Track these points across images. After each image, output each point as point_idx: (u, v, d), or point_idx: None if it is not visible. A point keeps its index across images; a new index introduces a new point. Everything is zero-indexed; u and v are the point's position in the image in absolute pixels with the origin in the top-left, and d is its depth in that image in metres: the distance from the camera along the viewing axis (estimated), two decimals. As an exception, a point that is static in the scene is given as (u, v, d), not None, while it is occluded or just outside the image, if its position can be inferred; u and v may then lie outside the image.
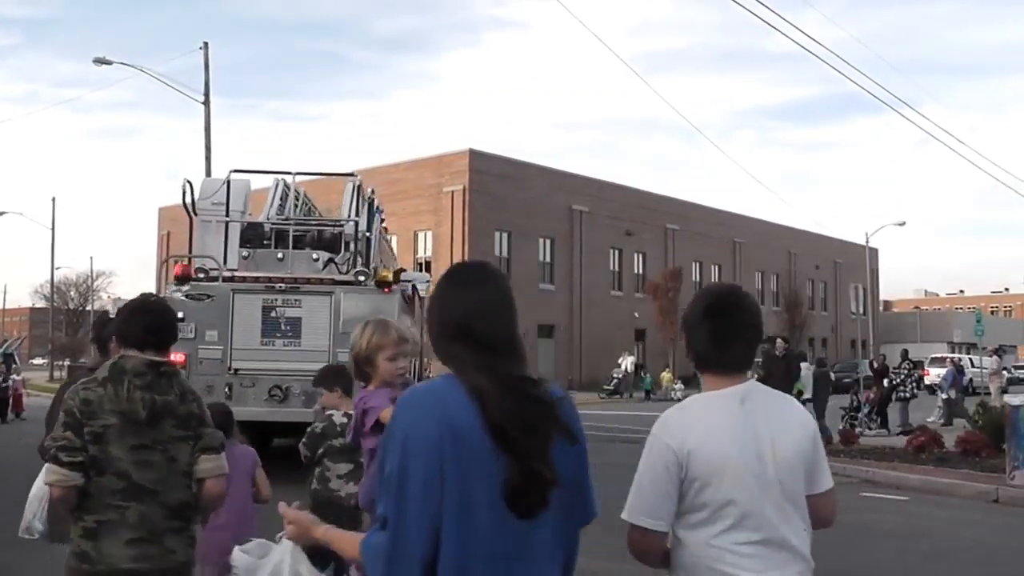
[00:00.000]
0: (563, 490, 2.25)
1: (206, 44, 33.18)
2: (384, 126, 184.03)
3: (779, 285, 66.24)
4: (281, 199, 15.34)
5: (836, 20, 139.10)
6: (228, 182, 14.50)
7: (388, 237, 18.61)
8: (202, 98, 33.45)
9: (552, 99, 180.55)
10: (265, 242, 14.26)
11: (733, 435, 2.73)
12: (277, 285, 13.10)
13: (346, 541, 2.39)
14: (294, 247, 13.91)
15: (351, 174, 16.41)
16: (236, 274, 13.46)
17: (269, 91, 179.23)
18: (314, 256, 13.87)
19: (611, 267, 53.65)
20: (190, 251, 14.21)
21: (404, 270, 20.65)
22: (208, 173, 35.02)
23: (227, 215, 14.25)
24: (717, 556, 2.70)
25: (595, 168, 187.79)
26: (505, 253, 46.67)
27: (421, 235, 46.36)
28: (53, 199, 58.43)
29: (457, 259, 44.22)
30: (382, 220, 16.21)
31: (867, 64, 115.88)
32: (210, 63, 33.13)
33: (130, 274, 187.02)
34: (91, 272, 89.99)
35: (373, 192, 15.50)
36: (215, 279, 13.17)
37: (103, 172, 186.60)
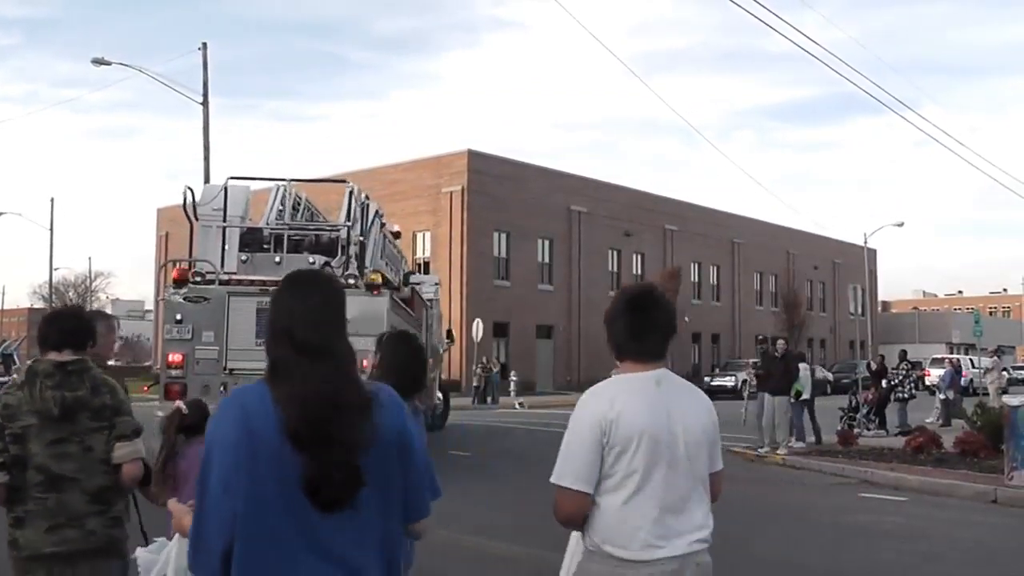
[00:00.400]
0: (381, 491, 2.45)
1: (204, 45, 33.21)
2: (384, 126, 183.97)
3: (778, 285, 66.25)
4: (281, 204, 15.67)
5: (835, 21, 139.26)
6: (225, 188, 14.76)
7: (396, 241, 18.63)
8: (201, 99, 33.49)
9: (551, 99, 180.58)
10: (265, 246, 14.66)
11: (651, 410, 3.08)
12: (270, 288, 13.26)
13: None
14: (293, 251, 14.37)
15: (344, 180, 16.62)
16: (233, 277, 13.90)
17: (269, 91, 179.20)
18: (310, 260, 14.16)
19: (610, 268, 53.67)
20: (190, 255, 14.55)
21: (413, 273, 20.75)
22: (207, 173, 35.06)
23: (224, 220, 14.48)
24: (628, 519, 3.01)
25: (594, 169, 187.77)
26: (504, 254, 46.70)
27: (420, 236, 46.33)
28: (52, 199, 58.31)
29: (456, 260, 44.31)
30: (383, 224, 16.40)
31: (866, 65, 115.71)
32: (209, 63, 33.13)
33: (129, 275, 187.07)
34: (90, 273, 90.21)
35: (367, 197, 15.65)
36: (212, 282, 13.63)
37: (102, 172, 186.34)
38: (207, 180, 35.66)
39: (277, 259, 14.24)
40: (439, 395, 22.54)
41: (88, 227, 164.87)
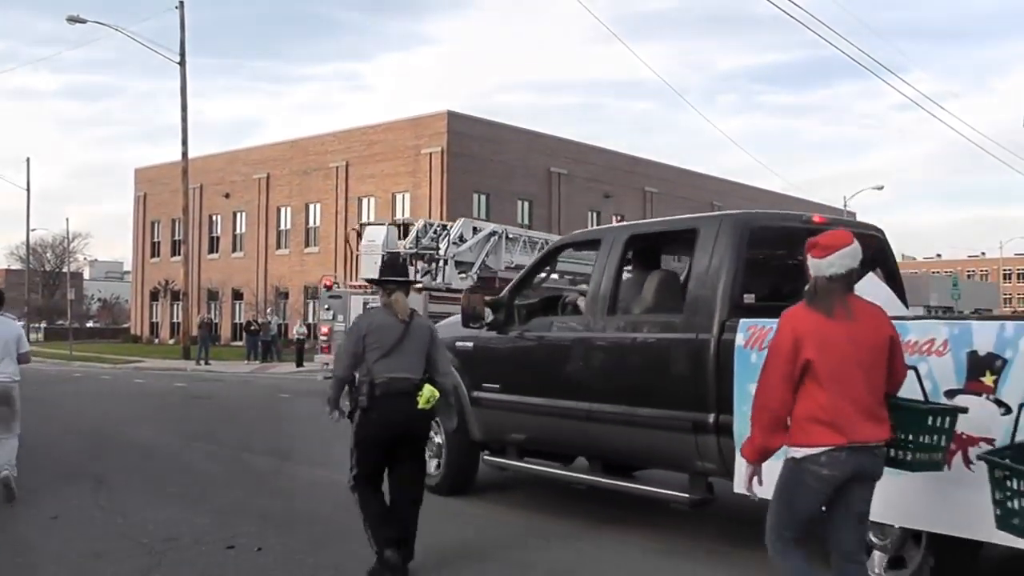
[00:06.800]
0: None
1: (182, 3, 32.95)
2: (365, 88, 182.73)
3: (757, 248, 66.41)
4: (417, 234, 23.36)
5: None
6: (358, 232, 24.67)
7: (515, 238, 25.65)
8: (178, 58, 33.23)
9: (532, 61, 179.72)
10: (401, 262, 20.54)
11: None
12: (368, 289, 20.87)
13: None
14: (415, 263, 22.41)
15: (405, 220, 24.71)
16: (355, 284, 22.78)
17: (251, 51, 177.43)
18: (414, 270, 21.49)
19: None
20: (357, 274, 23.27)
21: None
22: (185, 133, 34.88)
23: (357, 249, 23.98)
24: None
25: (574, 131, 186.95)
26: (483, 215, 46.59)
27: (399, 197, 46.23)
28: (28, 159, 58.07)
29: (436, 220, 44.23)
30: (496, 235, 24.66)
31: (850, 29, 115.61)
32: (187, 23, 32.85)
33: (107, 235, 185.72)
34: (67, 233, 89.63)
35: (475, 230, 24.27)
36: (342, 288, 23.44)
37: (79, 132, 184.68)
38: (184, 140, 35.48)
39: None
40: None
41: (65, 187, 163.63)
